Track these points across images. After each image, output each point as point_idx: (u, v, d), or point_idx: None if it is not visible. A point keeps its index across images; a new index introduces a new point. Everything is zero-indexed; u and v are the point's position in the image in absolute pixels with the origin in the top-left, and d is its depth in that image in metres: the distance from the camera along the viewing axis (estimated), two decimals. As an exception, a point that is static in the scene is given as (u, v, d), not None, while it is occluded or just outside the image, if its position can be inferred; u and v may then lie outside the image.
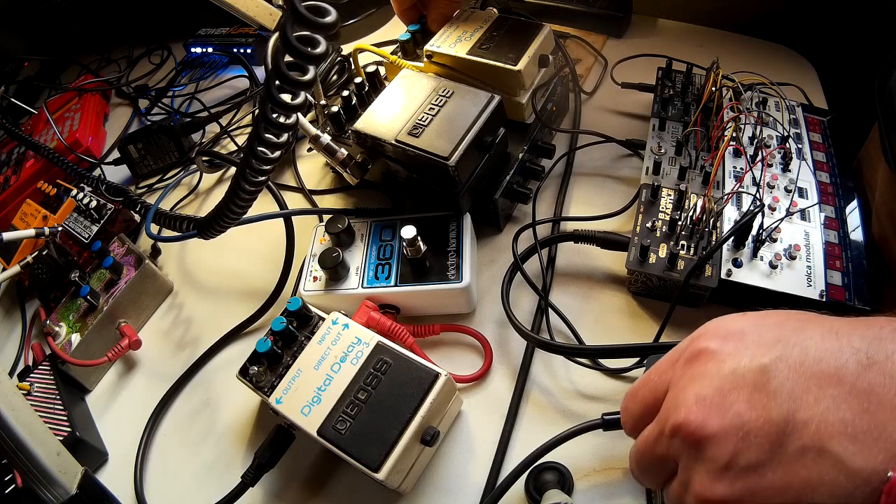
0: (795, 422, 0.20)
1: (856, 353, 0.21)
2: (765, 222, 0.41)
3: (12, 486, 0.40)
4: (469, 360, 0.45)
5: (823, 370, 0.21)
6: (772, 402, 0.21)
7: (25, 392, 0.49)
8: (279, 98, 0.29)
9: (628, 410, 0.27)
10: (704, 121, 0.49)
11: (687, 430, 0.22)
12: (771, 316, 0.24)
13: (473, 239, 0.47)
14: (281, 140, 0.32)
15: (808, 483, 0.20)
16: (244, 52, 0.78)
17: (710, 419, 0.22)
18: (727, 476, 0.21)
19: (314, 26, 0.26)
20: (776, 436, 0.20)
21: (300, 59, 0.27)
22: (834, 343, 0.21)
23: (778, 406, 0.21)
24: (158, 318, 0.56)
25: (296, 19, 0.25)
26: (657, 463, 0.25)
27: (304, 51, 0.26)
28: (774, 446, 0.20)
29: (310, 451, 0.43)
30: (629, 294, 0.46)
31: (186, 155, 0.68)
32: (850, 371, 0.20)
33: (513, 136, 0.49)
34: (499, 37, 0.49)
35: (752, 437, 0.21)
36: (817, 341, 0.22)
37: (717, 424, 0.21)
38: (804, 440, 0.20)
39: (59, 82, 0.91)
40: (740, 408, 0.21)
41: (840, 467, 0.19)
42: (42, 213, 0.63)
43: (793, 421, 0.20)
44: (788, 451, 0.20)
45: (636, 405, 0.27)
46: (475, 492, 0.39)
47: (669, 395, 0.24)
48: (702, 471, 0.22)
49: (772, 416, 0.21)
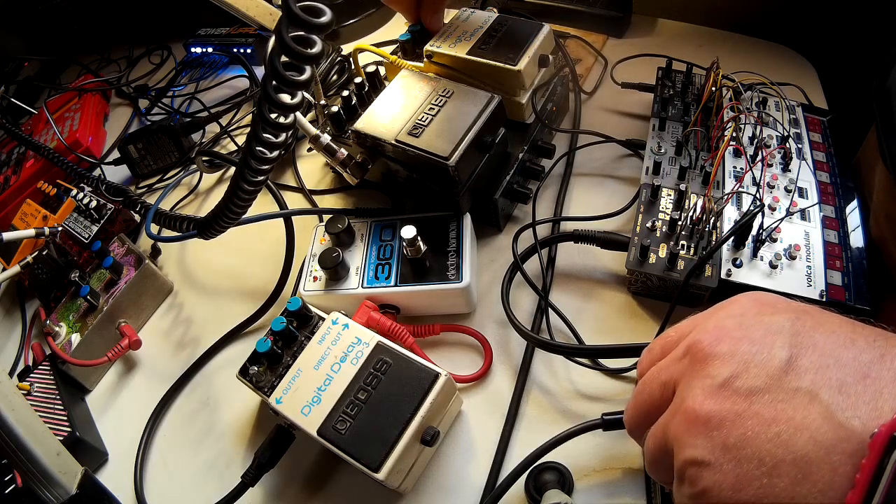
0: (797, 366, 0.21)
1: (867, 338, 0.22)
2: (765, 222, 0.41)
3: (12, 486, 0.40)
4: (469, 360, 0.45)
5: (836, 339, 0.22)
6: (784, 343, 0.22)
7: (25, 392, 0.49)
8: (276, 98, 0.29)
9: (651, 350, 0.28)
10: (704, 121, 0.49)
11: (698, 346, 0.24)
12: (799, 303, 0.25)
13: (473, 239, 0.47)
14: (279, 140, 0.32)
15: (793, 423, 0.20)
16: (244, 52, 0.78)
17: (722, 341, 0.23)
18: (720, 394, 0.22)
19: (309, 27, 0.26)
20: (776, 371, 0.21)
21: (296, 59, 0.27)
22: (849, 326, 0.22)
23: (787, 349, 0.22)
24: (158, 318, 0.56)
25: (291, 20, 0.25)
26: (656, 390, 0.26)
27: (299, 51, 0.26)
28: (771, 380, 0.21)
29: (310, 451, 0.43)
30: (629, 294, 0.46)
31: (186, 155, 0.68)
32: (859, 347, 0.21)
33: (513, 136, 0.49)
34: (499, 37, 0.49)
35: (753, 366, 0.22)
36: (835, 324, 0.23)
37: (727, 346, 0.23)
38: (799, 382, 0.21)
39: (59, 82, 0.91)
40: (753, 339, 0.22)
41: (827, 416, 0.19)
42: (42, 213, 0.63)
43: (795, 364, 0.21)
44: (783, 387, 0.21)
45: (658, 345, 0.28)
46: (475, 492, 0.39)
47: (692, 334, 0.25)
48: (697, 387, 0.23)
49: (779, 353, 0.22)
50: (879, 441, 0.18)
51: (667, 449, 0.24)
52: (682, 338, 0.26)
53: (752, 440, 0.20)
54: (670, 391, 0.25)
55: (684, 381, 0.24)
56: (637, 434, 0.28)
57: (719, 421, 0.21)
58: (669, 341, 0.27)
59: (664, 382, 0.25)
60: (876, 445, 0.18)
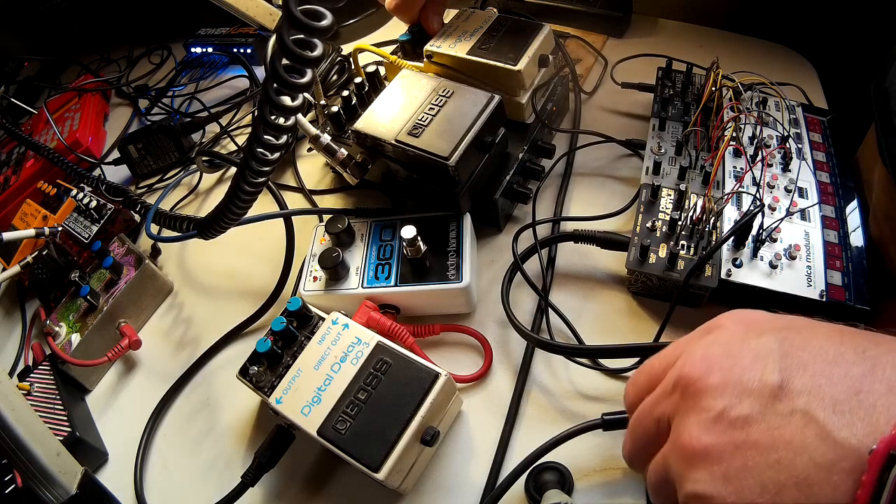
0: (790, 389, 0.21)
1: (856, 349, 0.21)
2: (765, 222, 0.41)
3: (12, 486, 0.40)
4: (469, 360, 0.45)
5: (825, 356, 0.22)
6: (773, 368, 0.22)
7: (25, 392, 0.49)
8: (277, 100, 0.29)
9: (636, 383, 0.28)
10: (704, 121, 0.49)
11: (688, 380, 0.23)
12: (783, 317, 0.25)
13: (473, 239, 0.47)
14: (280, 141, 0.32)
15: (791, 447, 0.20)
16: (244, 52, 0.78)
17: (711, 372, 0.23)
18: (716, 428, 0.22)
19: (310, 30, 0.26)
20: (769, 398, 0.21)
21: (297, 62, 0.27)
22: (837, 338, 0.22)
23: (777, 373, 0.22)
24: (158, 318, 0.56)
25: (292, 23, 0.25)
26: (651, 426, 0.26)
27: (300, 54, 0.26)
28: (765, 407, 0.21)
29: (310, 451, 0.43)
30: (629, 294, 0.46)
31: (186, 155, 0.68)
32: (848, 361, 0.21)
33: (513, 136, 0.49)
34: (499, 37, 0.49)
35: (746, 395, 0.22)
36: (823, 337, 0.23)
37: (717, 378, 0.23)
38: (793, 405, 0.21)
39: (59, 82, 0.91)
40: (743, 367, 0.22)
41: (824, 436, 0.20)
42: (42, 213, 0.63)
43: (787, 388, 0.21)
44: (777, 412, 0.21)
45: (643, 376, 0.28)
46: (475, 492, 0.39)
47: (678, 361, 0.25)
48: (693, 422, 0.23)
49: (769, 379, 0.21)
50: (878, 457, 0.18)
51: (669, 481, 0.24)
52: (668, 367, 0.26)
53: (753, 469, 0.20)
54: (665, 426, 0.25)
55: (679, 416, 0.24)
56: (638, 468, 0.28)
57: (718, 454, 0.21)
58: (655, 372, 0.27)
59: (658, 418, 0.25)
60: (875, 461, 0.18)
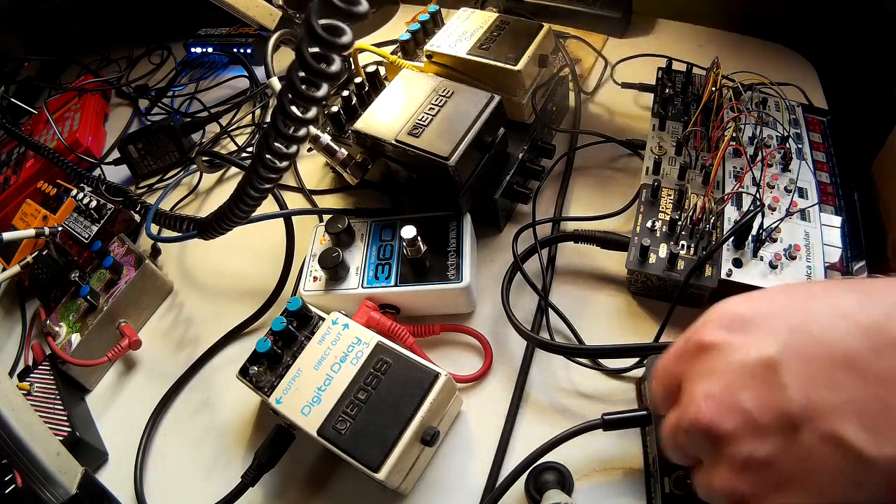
0: (808, 412, 0.20)
1: (864, 334, 0.20)
2: (765, 222, 0.41)
3: (12, 486, 0.40)
4: (469, 360, 0.45)
5: (833, 356, 0.20)
6: (782, 395, 0.21)
7: (25, 392, 0.49)
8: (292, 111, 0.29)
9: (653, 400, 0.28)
10: (704, 121, 0.49)
11: (700, 427, 0.22)
12: (777, 297, 0.24)
13: (473, 239, 0.47)
14: (291, 151, 0.33)
15: (826, 472, 0.20)
16: (244, 52, 0.78)
17: (722, 418, 0.22)
18: (747, 473, 0.21)
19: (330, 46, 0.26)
20: (790, 428, 0.20)
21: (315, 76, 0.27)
22: (841, 325, 0.21)
23: (789, 398, 0.20)
24: (158, 318, 0.56)
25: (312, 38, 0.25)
26: (682, 450, 0.25)
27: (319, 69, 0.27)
28: (789, 439, 0.20)
29: (310, 451, 0.43)
30: (629, 294, 0.46)
31: (186, 155, 0.68)
32: (861, 356, 0.20)
33: (513, 136, 0.49)
34: (499, 37, 0.49)
35: (765, 433, 0.21)
36: (825, 325, 0.21)
37: (729, 424, 0.21)
38: (818, 430, 0.20)
39: (59, 82, 0.91)
40: (750, 405, 0.21)
41: (855, 456, 0.19)
42: (42, 213, 0.63)
43: (805, 411, 0.20)
44: (804, 441, 0.20)
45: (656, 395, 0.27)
46: (475, 492, 0.39)
47: (683, 389, 0.24)
48: (723, 468, 0.22)
49: (783, 408, 0.20)
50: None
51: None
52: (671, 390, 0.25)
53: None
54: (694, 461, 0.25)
55: (707, 459, 0.23)
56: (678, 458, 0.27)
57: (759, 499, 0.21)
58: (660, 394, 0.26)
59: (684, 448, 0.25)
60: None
